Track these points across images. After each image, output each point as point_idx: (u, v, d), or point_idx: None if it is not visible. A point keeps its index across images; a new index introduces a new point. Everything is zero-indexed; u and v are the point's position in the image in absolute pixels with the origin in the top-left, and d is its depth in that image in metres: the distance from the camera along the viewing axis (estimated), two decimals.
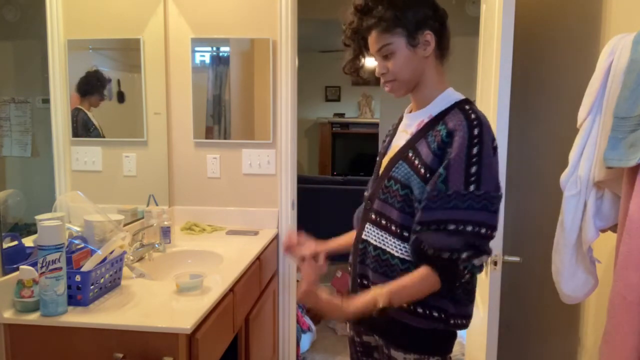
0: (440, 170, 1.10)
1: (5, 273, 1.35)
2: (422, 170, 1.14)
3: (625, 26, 1.24)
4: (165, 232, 2.04)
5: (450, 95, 1.21)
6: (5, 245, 1.36)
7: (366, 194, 1.33)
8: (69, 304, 1.34)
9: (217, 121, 2.36)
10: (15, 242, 1.41)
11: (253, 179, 2.38)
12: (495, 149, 1.14)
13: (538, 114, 1.95)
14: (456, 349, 2.74)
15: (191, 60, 2.34)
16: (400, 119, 1.33)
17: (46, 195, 1.57)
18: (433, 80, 1.21)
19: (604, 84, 1.09)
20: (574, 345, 1.51)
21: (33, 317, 1.29)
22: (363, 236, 1.27)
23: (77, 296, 1.36)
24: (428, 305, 1.17)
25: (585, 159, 1.14)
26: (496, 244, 1.44)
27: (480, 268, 1.14)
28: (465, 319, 1.21)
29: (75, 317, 1.30)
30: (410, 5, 1.15)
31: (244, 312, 1.80)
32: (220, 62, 2.33)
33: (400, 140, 1.26)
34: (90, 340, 1.27)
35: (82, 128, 1.79)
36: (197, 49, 2.33)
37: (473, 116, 1.12)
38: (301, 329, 2.83)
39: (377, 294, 1.12)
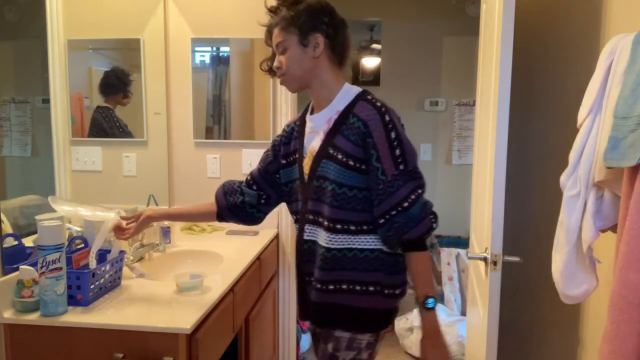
0: (375, 164, 1.24)
1: (5, 273, 1.35)
2: (351, 162, 1.27)
3: (625, 26, 1.24)
4: (165, 232, 2.04)
5: (350, 90, 1.33)
6: (5, 245, 1.36)
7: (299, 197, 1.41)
8: (69, 304, 1.34)
9: (217, 121, 2.36)
10: (15, 242, 1.41)
11: None
12: (402, 126, 1.29)
13: (538, 114, 1.95)
14: (456, 349, 2.74)
15: (191, 60, 2.34)
16: (296, 122, 1.44)
17: (46, 195, 1.57)
18: (329, 81, 1.33)
19: (604, 84, 1.09)
20: (574, 345, 1.51)
21: (33, 317, 1.29)
22: (305, 237, 1.36)
23: (77, 296, 1.36)
24: (365, 282, 1.28)
25: (585, 159, 1.14)
26: (496, 244, 1.44)
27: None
28: (396, 288, 1.32)
29: (75, 317, 1.30)
30: (308, 11, 1.30)
31: (244, 312, 1.80)
32: (220, 62, 2.33)
33: (314, 141, 1.35)
34: (90, 340, 1.27)
35: (111, 126, 1.82)
36: (197, 49, 2.33)
37: (379, 104, 1.27)
38: (301, 329, 2.83)
39: (425, 295, 1.27)
